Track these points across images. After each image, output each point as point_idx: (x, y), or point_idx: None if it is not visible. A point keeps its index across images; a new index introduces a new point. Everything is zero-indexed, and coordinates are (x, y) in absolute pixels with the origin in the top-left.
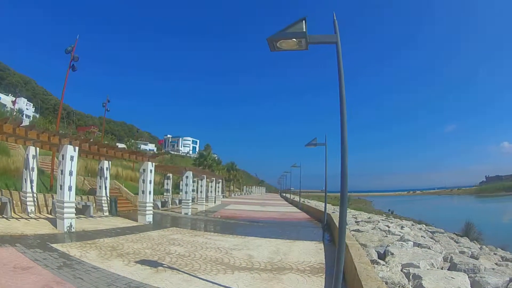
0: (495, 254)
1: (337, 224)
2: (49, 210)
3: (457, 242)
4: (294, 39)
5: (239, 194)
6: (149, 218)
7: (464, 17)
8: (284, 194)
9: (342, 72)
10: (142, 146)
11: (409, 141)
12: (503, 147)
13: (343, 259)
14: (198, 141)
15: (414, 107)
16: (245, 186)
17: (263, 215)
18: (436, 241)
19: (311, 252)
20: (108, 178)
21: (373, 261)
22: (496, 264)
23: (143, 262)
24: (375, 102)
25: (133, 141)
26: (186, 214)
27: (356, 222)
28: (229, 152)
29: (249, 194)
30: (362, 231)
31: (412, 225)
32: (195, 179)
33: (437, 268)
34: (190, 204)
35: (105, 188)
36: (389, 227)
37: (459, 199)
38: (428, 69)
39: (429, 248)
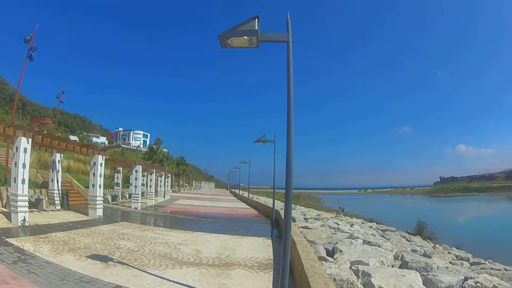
0: (449, 253)
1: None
2: (3, 204)
3: (409, 241)
4: (246, 37)
5: (188, 189)
6: (100, 212)
7: (422, 19)
8: (233, 190)
9: (291, 71)
10: (94, 139)
11: (362, 141)
12: (459, 150)
13: (289, 255)
14: (149, 134)
15: (367, 107)
16: (194, 181)
17: (212, 211)
18: (387, 239)
19: (259, 248)
20: (60, 171)
21: (321, 258)
22: (450, 263)
23: (94, 257)
24: (327, 102)
25: (85, 133)
26: (136, 208)
27: (305, 219)
28: (179, 146)
29: (199, 189)
30: (311, 228)
31: (363, 223)
32: (145, 173)
33: (388, 266)
34: (139, 198)
35: (57, 182)
36: (338, 224)
37: (412, 199)
38: (383, 70)
39: (379, 246)
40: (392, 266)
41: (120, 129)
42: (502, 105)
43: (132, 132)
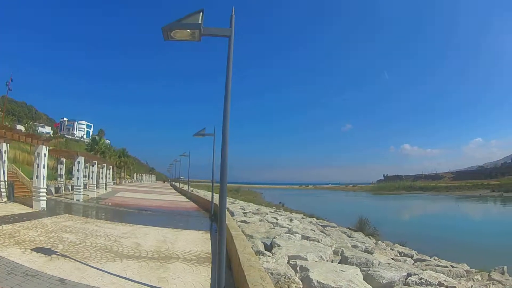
0: (392, 249)
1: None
2: None
3: (350, 237)
4: (188, 30)
5: (129, 181)
6: (43, 204)
7: (362, 17)
8: (173, 183)
9: (231, 65)
10: (40, 129)
11: (303, 136)
12: (404, 149)
13: (224, 249)
14: (92, 125)
15: (309, 103)
16: (135, 174)
17: (152, 204)
18: (327, 234)
19: (198, 241)
20: (6, 161)
21: (259, 252)
22: (393, 259)
23: (38, 249)
24: (273, 95)
25: (31, 123)
26: (78, 200)
27: (243, 213)
28: (122, 136)
29: (140, 182)
30: (249, 223)
31: (303, 218)
32: (87, 164)
33: (327, 261)
34: (81, 190)
35: (3, 172)
36: (277, 219)
37: (355, 195)
38: (325, 66)
39: (318, 241)
40: (332, 262)
41: (65, 119)
42: (446, 105)
43: (76, 122)
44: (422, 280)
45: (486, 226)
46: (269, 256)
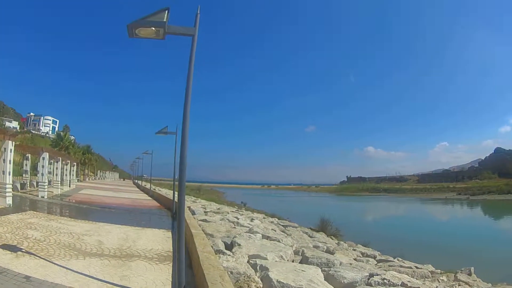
0: (354, 250)
1: (185, 213)
2: None
3: (311, 237)
4: (153, 28)
5: (93, 178)
6: (9, 200)
7: (325, 16)
8: (136, 181)
9: (193, 64)
10: (7, 124)
11: (266, 136)
12: (368, 151)
13: (183, 248)
14: (58, 121)
15: (271, 102)
16: (99, 171)
17: (115, 201)
18: (288, 234)
19: (160, 240)
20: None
21: (219, 251)
22: (355, 259)
23: (4, 246)
24: (236, 94)
25: None
26: (43, 197)
27: (205, 212)
28: (86, 133)
29: (103, 179)
30: (210, 222)
31: (264, 218)
32: (51, 161)
33: (287, 260)
34: (46, 187)
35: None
36: (238, 218)
37: (317, 196)
38: (289, 66)
39: (279, 241)
40: (292, 261)
41: (31, 114)
42: (409, 108)
43: (42, 117)
44: (385, 281)
45: (452, 228)
46: (229, 255)
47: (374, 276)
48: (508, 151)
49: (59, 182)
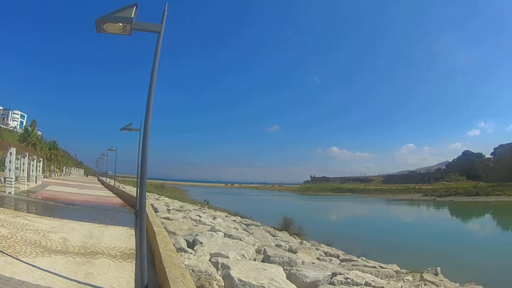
0: (317, 249)
1: (148, 211)
2: None
3: (274, 236)
4: (121, 24)
5: (59, 174)
6: None
7: (289, 18)
8: (101, 178)
9: (157, 60)
10: None
11: (229, 133)
12: (332, 151)
13: (145, 246)
14: (26, 115)
15: (237, 100)
16: (65, 167)
17: (79, 198)
18: (250, 233)
19: (123, 237)
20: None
21: (181, 249)
22: (318, 259)
23: None
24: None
25: None
26: (10, 193)
27: (167, 210)
28: (52, 128)
29: (69, 176)
30: (172, 219)
31: (226, 216)
32: (19, 156)
33: (249, 259)
34: (13, 182)
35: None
36: (200, 217)
37: (281, 195)
38: (253, 65)
39: (240, 240)
40: (254, 260)
41: (0, 108)
42: (373, 109)
43: (10, 112)
44: (348, 280)
45: (418, 229)
46: (191, 253)
47: (337, 275)
48: (477, 154)
49: (26, 178)
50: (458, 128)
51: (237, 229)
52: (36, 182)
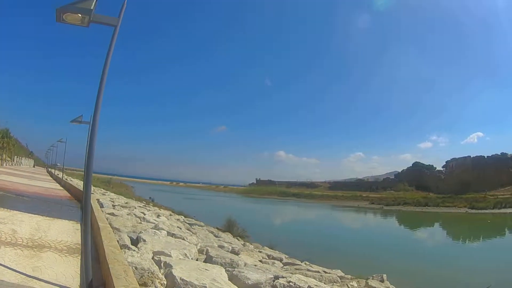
0: (260, 252)
1: (94, 205)
2: None
3: (217, 236)
4: (80, 15)
5: (10, 164)
6: None
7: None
8: (50, 170)
9: (111, 54)
10: None
11: (178, 132)
12: (279, 155)
13: (89, 241)
14: None
15: (183, 96)
16: (16, 156)
17: (29, 189)
18: (193, 233)
19: (69, 231)
20: None
21: (125, 246)
22: (260, 261)
23: None
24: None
25: None
26: None
27: (113, 205)
28: (4, 114)
29: (19, 166)
30: (117, 215)
31: (170, 215)
32: None
33: (191, 259)
34: None
35: None
36: (145, 214)
37: (225, 196)
38: (201, 64)
39: (183, 239)
40: (197, 260)
41: None
42: (319, 114)
43: None
44: (291, 283)
45: (364, 236)
46: (134, 250)
47: (280, 279)
48: (428, 166)
49: None
50: (409, 139)
51: (181, 228)
52: None
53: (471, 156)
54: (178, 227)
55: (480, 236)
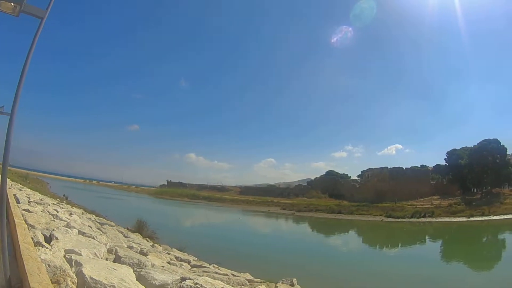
0: (168, 253)
1: (11, 201)
2: None
3: (126, 237)
4: (12, 4)
5: None
6: None
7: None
8: None
9: (35, 45)
10: None
11: (89, 127)
12: (189, 157)
13: (6, 239)
14: None
15: (98, 96)
16: None
17: None
18: (103, 232)
19: None
20: None
21: (39, 243)
22: (168, 263)
23: None
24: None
25: None
26: None
27: (28, 202)
28: None
29: None
30: (32, 212)
31: (83, 213)
32: None
33: (101, 258)
34: None
35: None
36: (58, 211)
37: (137, 197)
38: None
39: (93, 238)
40: (106, 259)
41: None
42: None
43: None
44: (198, 285)
45: (274, 240)
46: (47, 248)
47: (187, 280)
48: (342, 175)
49: None
50: (323, 148)
51: (91, 227)
52: None
53: (389, 167)
54: (89, 226)
55: (395, 243)
